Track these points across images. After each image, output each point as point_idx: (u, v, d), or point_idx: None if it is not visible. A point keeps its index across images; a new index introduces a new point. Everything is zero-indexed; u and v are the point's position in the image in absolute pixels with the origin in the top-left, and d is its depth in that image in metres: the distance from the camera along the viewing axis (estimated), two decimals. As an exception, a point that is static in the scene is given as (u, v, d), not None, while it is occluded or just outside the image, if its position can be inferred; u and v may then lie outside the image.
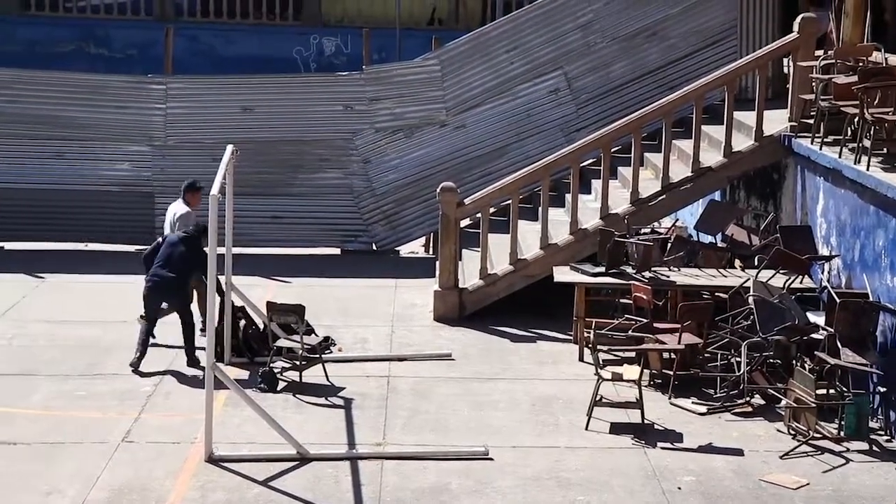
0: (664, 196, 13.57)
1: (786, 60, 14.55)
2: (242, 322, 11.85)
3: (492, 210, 13.92)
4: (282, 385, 11.05)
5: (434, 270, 13.99)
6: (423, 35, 23.88)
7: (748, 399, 10.61)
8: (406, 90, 16.44)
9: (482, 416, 10.40)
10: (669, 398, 10.78)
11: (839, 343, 10.08)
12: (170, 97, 16.42)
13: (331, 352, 11.93)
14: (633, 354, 11.29)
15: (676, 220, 14.65)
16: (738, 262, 12.69)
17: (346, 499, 8.77)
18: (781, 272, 11.66)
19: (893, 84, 11.39)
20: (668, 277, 12.04)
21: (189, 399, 10.61)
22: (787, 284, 11.48)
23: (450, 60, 16.48)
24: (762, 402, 10.66)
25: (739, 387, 10.63)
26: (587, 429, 10.10)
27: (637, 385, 10.21)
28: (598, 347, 10.55)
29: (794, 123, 13.10)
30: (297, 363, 11.12)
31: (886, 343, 10.25)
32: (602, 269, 12.21)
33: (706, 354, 11.25)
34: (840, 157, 11.61)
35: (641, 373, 10.46)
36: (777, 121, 13.46)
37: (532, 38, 16.45)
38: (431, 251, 16.49)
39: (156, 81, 16.72)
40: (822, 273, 11.88)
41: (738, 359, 10.71)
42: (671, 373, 10.90)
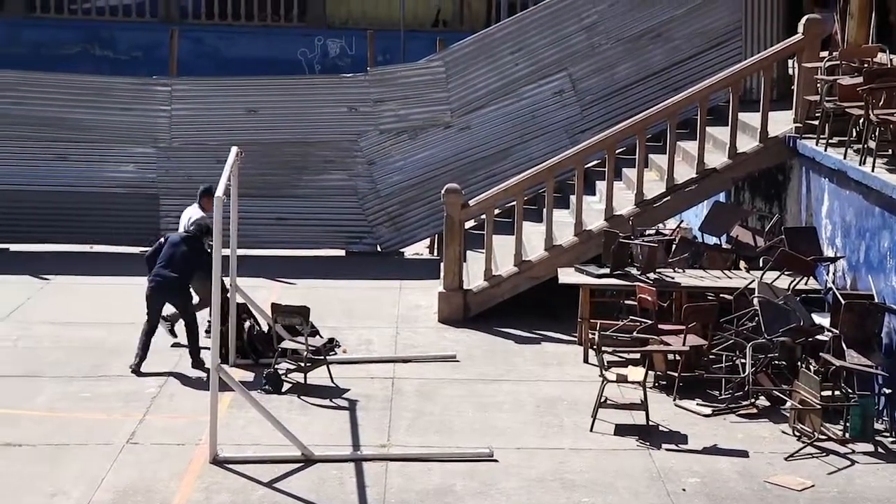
0: (669, 197, 13.56)
1: (791, 62, 14.53)
2: (247, 323, 11.85)
3: (496, 211, 13.92)
4: (286, 386, 11.05)
5: (438, 272, 13.99)
6: (428, 36, 23.90)
7: (753, 401, 10.59)
8: (410, 92, 16.44)
9: (487, 418, 10.40)
10: (674, 400, 10.77)
11: (844, 344, 10.07)
12: (175, 99, 16.44)
13: (335, 353, 11.92)
14: (638, 356, 11.28)
15: (681, 222, 14.64)
16: (743, 264, 12.68)
17: (351, 500, 8.77)
18: (786, 273, 11.65)
19: (898, 85, 11.38)
20: (673, 279, 12.03)
21: (193, 401, 10.62)
22: (792, 286, 11.46)
23: (454, 62, 16.48)
24: (767, 404, 10.65)
25: (744, 388, 10.61)
26: (592, 430, 10.10)
27: (642, 387, 10.20)
28: (603, 349, 10.53)
29: (799, 125, 13.09)
30: (302, 365, 11.13)
31: (892, 344, 10.24)
32: (607, 271, 12.21)
33: (711, 356, 11.24)
34: (845, 159, 11.59)
35: (646, 374, 10.45)
36: (782, 122, 13.44)
37: (536, 40, 16.45)
38: (436, 253, 16.49)
39: (161, 83, 16.74)
40: (828, 274, 11.87)
41: (743, 360, 10.70)
42: (676, 374, 10.88)
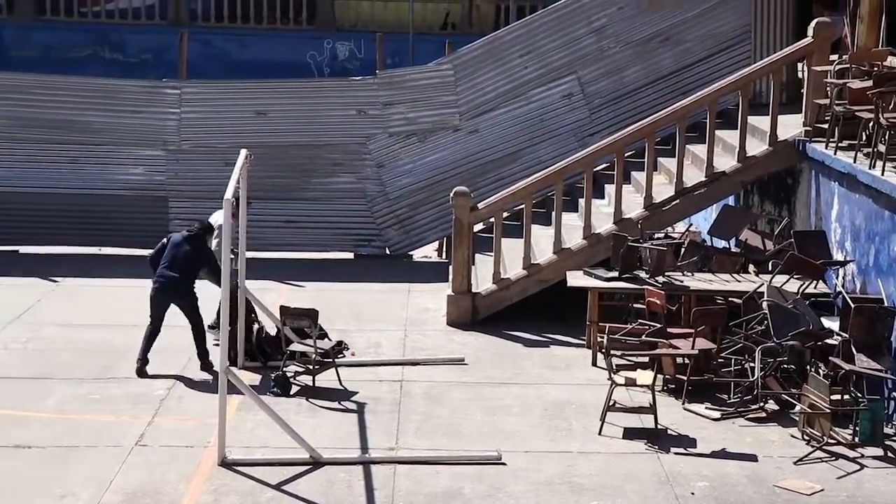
0: (678, 201, 13.54)
1: (800, 65, 14.51)
2: (256, 326, 11.86)
3: (505, 214, 13.92)
4: (295, 389, 11.06)
5: (447, 275, 13.99)
6: (437, 40, 23.92)
7: (762, 404, 10.58)
8: (419, 95, 16.45)
9: (495, 421, 10.39)
10: (683, 403, 10.76)
11: (854, 348, 10.05)
12: (184, 102, 16.47)
13: (344, 356, 11.92)
14: (647, 359, 11.26)
15: (690, 225, 14.62)
16: (752, 268, 12.66)
17: (359, 503, 8.77)
18: (796, 277, 11.64)
19: (908, 89, 11.36)
20: (682, 282, 12.02)
21: (202, 403, 10.64)
22: (802, 289, 11.44)
23: (463, 65, 16.49)
24: (776, 408, 10.63)
25: (753, 392, 10.59)
26: (600, 434, 10.08)
27: (650, 390, 10.19)
28: (612, 352, 10.52)
29: (809, 128, 13.07)
30: (311, 367, 11.14)
31: (901, 348, 10.22)
32: (615, 274, 12.20)
33: (720, 360, 11.22)
34: (855, 162, 11.57)
35: (655, 378, 10.43)
36: (791, 125, 13.42)
37: (546, 43, 16.45)
38: (445, 255, 16.49)
39: (170, 86, 16.77)
40: (837, 278, 11.84)
41: (752, 364, 10.68)
42: (685, 378, 10.86)
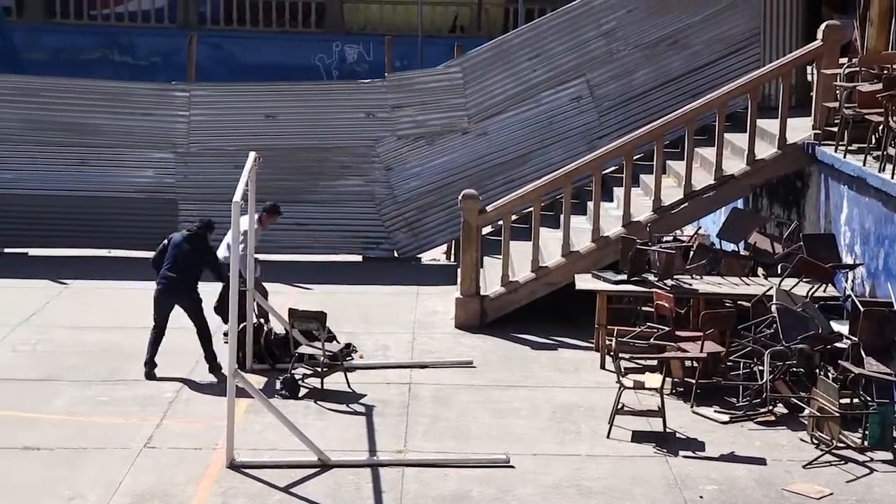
0: (686, 204, 13.53)
1: (809, 68, 14.49)
2: (265, 328, 11.88)
3: (513, 217, 13.91)
4: (303, 392, 11.06)
5: (455, 277, 13.99)
6: (445, 42, 23.95)
7: (771, 408, 10.55)
8: (428, 97, 16.46)
9: (503, 424, 10.39)
10: (691, 407, 10.74)
11: (863, 352, 10.02)
12: (193, 104, 16.50)
13: (352, 359, 11.93)
14: (655, 362, 11.23)
15: (699, 228, 14.60)
16: (761, 271, 12.64)
17: (367, 506, 8.78)
18: (805, 281, 11.61)
19: (918, 92, 11.32)
20: (691, 285, 12.00)
21: (210, 405, 10.64)
22: (811, 293, 11.42)
23: (472, 68, 16.49)
24: (785, 411, 10.60)
25: (762, 395, 10.57)
26: (609, 437, 10.07)
27: (659, 393, 10.17)
28: (620, 355, 10.51)
29: (818, 131, 13.05)
30: (319, 370, 11.13)
31: (911, 352, 10.18)
32: (624, 277, 12.18)
33: (729, 363, 11.20)
34: (864, 166, 11.55)
35: (663, 381, 10.41)
36: (800, 129, 13.40)
37: (554, 46, 16.45)
38: (453, 258, 16.49)
39: (179, 89, 16.81)
40: (846, 282, 11.82)
41: (761, 367, 10.66)
42: (693, 381, 10.85)
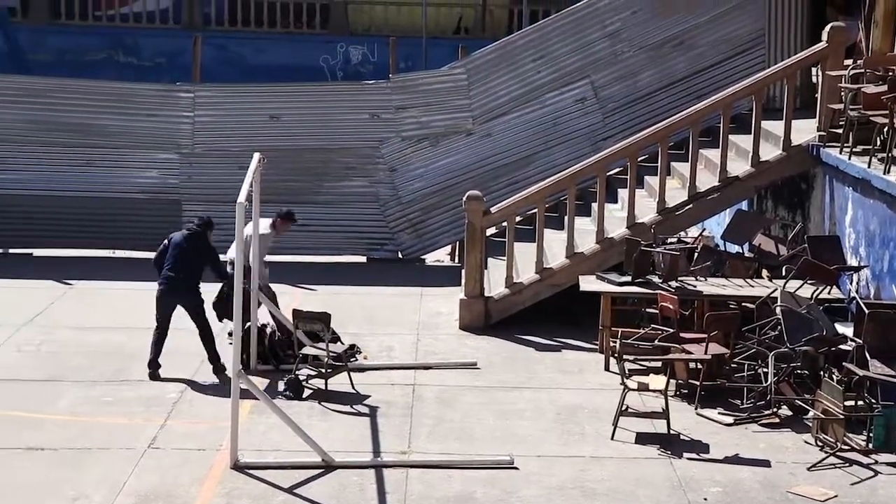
0: (691, 205, 13.52)
1: (814, 70, 14.48)
2: (268, 329, 11.88)
3: (518, 219, 13.91)
4: (307, 393, 11.07)
5: (460, 279, 13.99)
6: (450, 44, 23.97)
7: (775, 410, 10.54)
8: (432, 99, 16.46)
9: (507, 425, 10.38)
10: (696, 408, 10.73)
11: (868, 354, 10.00)
12: (198, 105, 16.51)
13: (356, 360, 11.94)
14: (660, 364, 11.23)
15: (703, 230, 14.60)
16: (766, 273, 12.63)
17: (371, 507, 8.78)
18: (809, 282, 11.60)
19: (923, 93, 11.31)
20: (695, 287, 11.99)
21: (214, 406, 10.65)
22: (816, 295, 11.40)
23: (476, 69, 16.49)
24: (789, 414, 10.59)
25: (766, 398, 10.56)
26: (613, 438, 10.06)
27: (663, 395, 10.16)
28: (624, 357, 10.50)
29: (823, 133, 13.04)
30: (323, 371, 11.14)
31: (916, 354, 10.16)
32: (628, 279, 12.18)
33: (733, 365, 11.18)
34: (869, 167, 11.54)
35: (668, 383, 10.41)
36: (805, 130, 13.39)
37: (559, 47, 16.44)
38: (457, 259, 16.49)
39: (184, 90, 16.82)
40: (851, 284, 11.80)
41: (766, 369, 10.64)
42: (698, 383, 10.84)
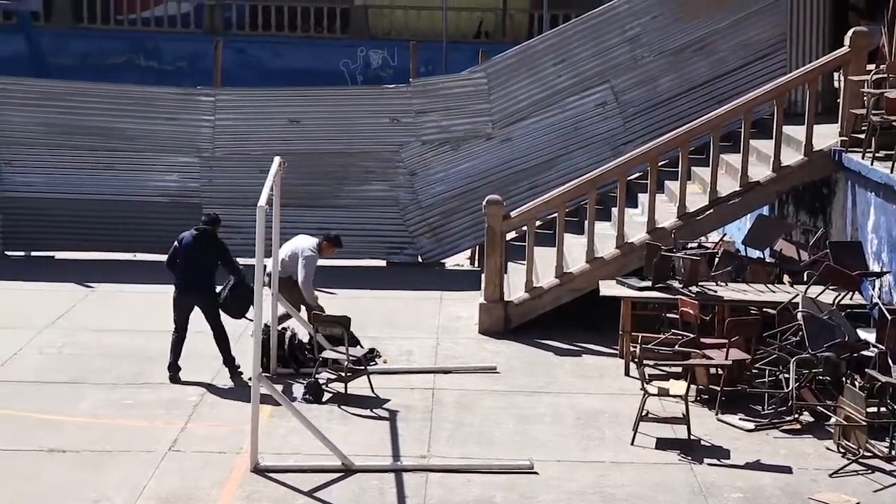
0: (712, 210, 13.47)
1: (836, 74, 14.42)
2: (288, 333, 11.90)
3: (538, 223, 13.90)
4: (327, 396, 11.07)
5: (479, 283, 13.98)
6: (470, 48, 23.99)
7: (797, 416, 10.49)
8: (453, 103, 16.47)
9: (527, 430, 10.37)
10: (716, 414, 10.69)
11: (890, 360, 9.96)
12: (218, 109, 16.56)
13: (376, 363, 11.94)
14: (680, 369, 11.20)
15: (724, 235, 14.55)
16: (787, 278, 12.58)
17: (391, 511, 8.78)
18: (831, 288, 11.54)
19: (947, 98, 11.25)
20: (716, 292, 11.95)
21: (235, 409, 10.67)
22: (837, 301, 11.35)
23: (496, 73, 16.49)
24: (811, 420, 10.55)
25: (788, 403, 10.51)
26: (633, 444, 10.03)
27: (684, 400, 10.13)
28: (645, 362, 10.47)
29: (845, 138, 12.98)
30: (343, 375, 11.15)
31: (939, 361, 10.10)
32: (648, 284, 12.15)
33: (754, 370, 11.14)
34: (892, 173, 11.47)
35: (688, 388, 10.38)
36: (827, 135, 13.33)
37: (579, 52, 16.43)
38: (477, 264, 16.48)
39: (205, 93, 16.87)
40: (873, 289, 11.74)
41: (787, 375, 10.60)
42: (718, 388, 10.80)
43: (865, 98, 12.61)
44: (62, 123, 16.47)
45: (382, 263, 16.53)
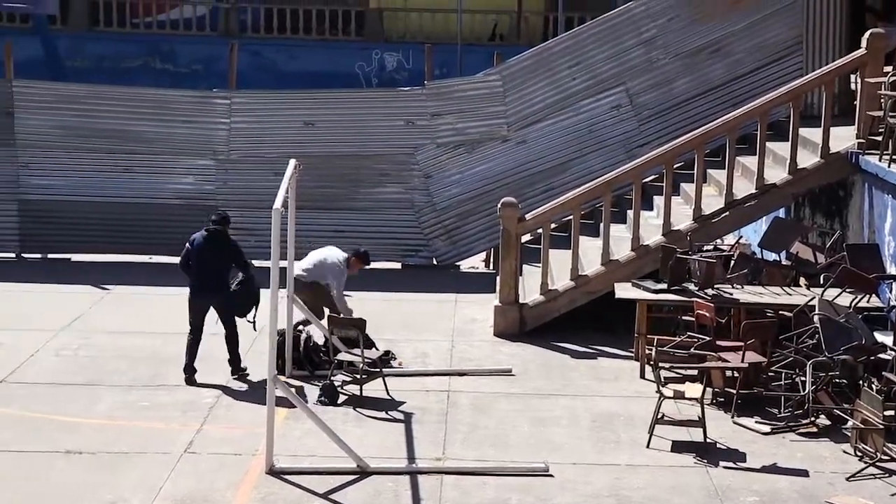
0: (727, 213, 13.44)
1: (853, 76, 14.37)
2: (304, 335, 11.91)
3: (553, 226, 13.88)
4: (342, 398, 11.08)
5: (494, 285, 13.97)
6: (485, 50, 24.01)
7: (813, 419, 10.45)
8: (467, 105, 16.47)
9: (542, 432, 10.35)
10: (732, 417, 10.66)
11: (908, 363, 9.91)
12: (234, 112, 16.60)
13: (391, 366, 11.94)
14: (696, 372, 11.17)
15: (740, 237, 14.51)
16: (803, 281, 12.54)
17: (406, 513, 8.78)
18: (848, 291, 11.50)
19: (964, 100, 11.20)
20: (732, 295, 11.92)
21: (250, 411, 10.69)
22: (854, 303, 11.30)
23: (511, 76, 16.48)
24: (828, 423, 10.50)
25: (804, 407, 10.48)
26: (648, 447, 10.01)
27: (699, 403, 10.10)
28: (660, 365, 10.45)
29: (862, 140, 12.94)
30: (358, 377, 11.16)
31: (956, 364, 10.05)
32: (664, 286, 12.12)
33: (770, 373, 11.11)
34: (909, 175, 11.43)
35: (704, 391, 10.35)
36: (844, 138, 13.29)
37: (594, 54, 16.41)
38: (492, 266, 16.47)
39: (220, 96, 16.92)
40: (890, 292, 11.69)
41: (803, 378, 10.57)
42: (734, 391, 10.77)
43: (882, 100, 12.56)
44: (79, 126, 16.53)
45: (397, 266, 16.53)
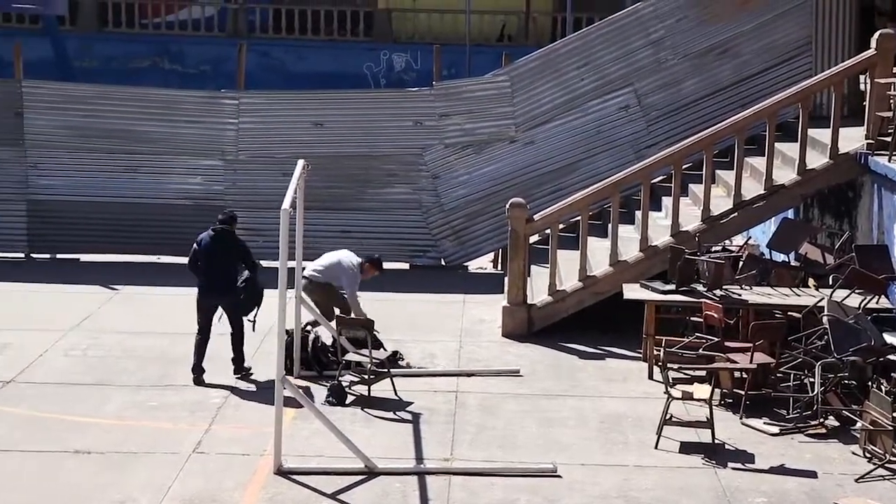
0: (736, 214, 13.42)
1: (862, 77, 14.34)
2: (312, 335, 11.92)
3: (561, 226, 13.88)
4: (350, 399, 11.09)
5: (502, 286, 13.97)
6: (493, 51, 24.03)
7: (822, 420, 10.43)
8: (476, 106, 16.47)
9: (550, 433, 10.35)
10: (741, 418, 10.64)
11: (917, 365, 9.89)
12: (242, 112, 16.62)
13: (399, 366, 11.95)
14: (704, 373, 11.15)
15: (748, 238, 14.48)
16: (812, 282, 12.51)
17: (414, 514, 8.78)
18: (857, 292, 11.48)
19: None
20: (740, 296, 11.90)
21: (258, 411, 10.70)
22: (863, 304, 11.28)
23: (520, 76, 16.48)
24: (836, 424, 10.48)
25: (813, 408, 10.46)
26: (657, 448, 10.00)
27: (708, 404, 10.09)
28: (668, 365, 10.44)
29: (871, 141, 12.91)
30: (366, 377, 11.16)
31: (966, 365, 10.03)
32: (672, 287, 12.10)
33: (779, 374, 11.09)
34: (918, 176, 11.40)
35: (712, 392, 10.33)
36: (853, 138, 13.26)
37: (602, 55, 16.40)
38: (500, 267, 16.47)
39: (228, 97, 16.94)
40: (899, 293, 11.66)
41: (812, 379, 10.54)
42: (742, 392, 10.75)
43: (892, 101, 12.53)
44: (87, 127, 16.57)
45: (405, 266, 16.53)
